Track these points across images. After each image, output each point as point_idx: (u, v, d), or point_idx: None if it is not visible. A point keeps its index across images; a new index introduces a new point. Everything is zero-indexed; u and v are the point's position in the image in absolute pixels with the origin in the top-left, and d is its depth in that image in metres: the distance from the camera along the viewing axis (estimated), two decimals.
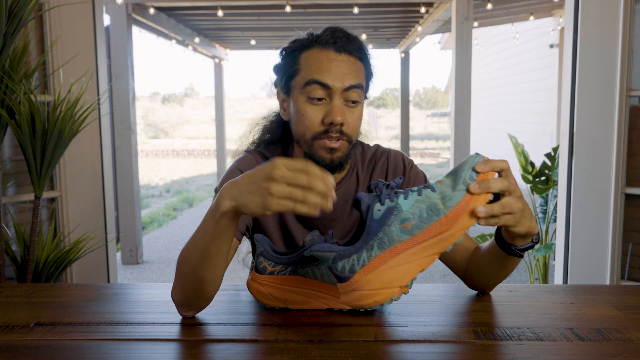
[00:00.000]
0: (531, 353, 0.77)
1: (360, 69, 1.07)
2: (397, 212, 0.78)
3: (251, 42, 7.63)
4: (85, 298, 1.04)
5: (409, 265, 0.78)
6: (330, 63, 1.03)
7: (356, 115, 1.06)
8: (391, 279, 0.78)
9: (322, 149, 1.05)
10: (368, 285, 0.78)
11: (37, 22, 2.30)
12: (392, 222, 0.78)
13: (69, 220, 2.37)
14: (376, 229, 0.78)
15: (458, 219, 0.78)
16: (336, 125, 1.03)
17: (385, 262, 0.78)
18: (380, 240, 0.78)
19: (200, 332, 0.87)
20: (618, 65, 2.19)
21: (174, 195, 8.88)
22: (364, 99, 1.10)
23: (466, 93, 4.39)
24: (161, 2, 4.80)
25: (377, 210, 0.79)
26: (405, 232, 0.78)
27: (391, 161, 1.18)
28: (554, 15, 6.89)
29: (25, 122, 1.88)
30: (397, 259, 0.78)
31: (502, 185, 0.80)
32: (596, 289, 1.07)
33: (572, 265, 2.32)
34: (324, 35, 1.06)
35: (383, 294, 0.78)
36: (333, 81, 1.02)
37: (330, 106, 1.03)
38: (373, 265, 0.78)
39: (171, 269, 4.57)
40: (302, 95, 1.05)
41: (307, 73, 1.04)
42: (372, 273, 0.78)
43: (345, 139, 1.05)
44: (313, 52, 1.05)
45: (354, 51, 1.05)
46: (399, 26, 6.64)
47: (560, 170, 2.40)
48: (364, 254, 0.78)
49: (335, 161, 1.06)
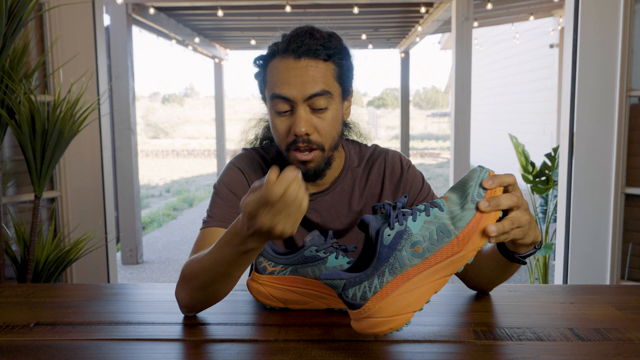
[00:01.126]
0: (531, 353, 0.77)
1: (326, 71, 1.01)
2: (407, 235, 0.76)
3: (251, 42, 7.63)
4: (85, 298, 1.04)
5: (422, 289, 0.76)
6: (288, 73, 0.99)
7: (327, 121, 1.02)
8: (405, 305, 0.76)
9: (295, 161, 1.04)
10: (382, 312, 0.76)
11: (37, 22, 2.30)
12: (403, 246, 0.76)
13: (69, 220, 2.37)
14: (387, 255, 0.76)
15: (469, 240, 0.76)
16: (302, 136, 1.01)
17: (397, 287, 0.75)
18: (391, 266, 0.76)
19: (200, 332, 0.87)
20: (618, 65, 2.18)
21: (174, 195, 8.88)
22: (342, 97, 1.06)
23: (466, 93, 4.39)
24: (161, 2, 4.80)
25: (387, 235, 0.77)
26: (416, 255, 0.76)
27: (389, 162, 1.16)
28: (554, 15, 6.89)
29: (25, 122, 1.88)
30: (410, 283, 0.76)
31: (512, 201, 0.78)
32: (596, 289, 1.07)
33: (572, 265, 2.32)
34: (286, 40, 1.02)
35: (398, 320, 0.76)
36: (293, 92, 0.99)
37: (294, 117, 1.01)
38: (386, 292, 0.75)
39: (171, 269, 4.57)
40: (271, 107, 1.04)
41: (271, 86, 1.02)
42: (385, 300, 0.75)
43: (317, 148, 1.03)
44: (276, 62, 1.02)
45: (316, 53, 1.00)
46: (399, 26, 6.64)
47: (560, 170, 2.40)
48: (376, 280, 0.76)
49: (310, 171, 1.04)
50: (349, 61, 1.07)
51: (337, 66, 1.03)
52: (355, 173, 1.16)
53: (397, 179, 1.15)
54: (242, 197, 1.08)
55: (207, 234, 1.03)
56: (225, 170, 1.13)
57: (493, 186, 0.78)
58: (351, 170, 1.15)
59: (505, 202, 0.78)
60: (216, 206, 1.07)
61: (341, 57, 1.04)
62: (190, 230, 6.11)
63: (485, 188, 0.78)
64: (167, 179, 11.00)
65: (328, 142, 1.04)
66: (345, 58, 1.05)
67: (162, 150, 16.78)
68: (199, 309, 0.93)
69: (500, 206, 0.77)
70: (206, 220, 1.06)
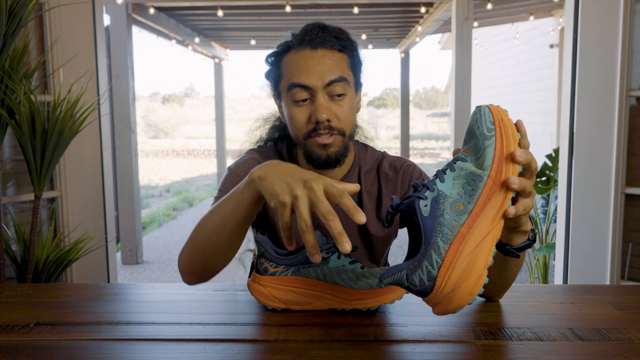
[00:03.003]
0: (531, 353, 0.77)
1: (342, 60, 1.06)
2: (443, 198, 0.74)
3: (251, 42, 7.63)
4: (85, 298, 1.04)
5: (483, 243, 0.73)
6: (306, 62, 1.03)
7: (346, 108, 1.06)
8: (474, 266, 0.72)
9: (315, 146, 1.06)
10: (454, 284, 0.71)
11: (37, 22, 2.30)
12: (444, 210, 0.73)
13: (69, 220, 2.37)
14: (432, 225, 0.73)
15: (502, 172, 0.74)
16: (323, 123, 1.03)
17: (458, 252, 0.71)
18: (442, 234, 0.72)
19: (200, 332, 0.87)
20: (618, 65, 2.18)
21: (174, 195, 8.88)
22: (355, 88, 1.10)
23: (466, 93, 4.39)
24: (161, 2, 4.80)
25: (424, 206, 0.74)
26: (460, 213, 0.73)
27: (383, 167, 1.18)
28: (554, 15, 6.89)
29: (25, 122, 1.88)
30: (469, 243, 0.72)
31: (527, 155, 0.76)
32: (596, 289, 1.07)
33: (572, 265, 2.32)
34: (300, 35, 1.06)
35: (474, 284, 0.71)
36: (312, 80, 1.03)
37: (314, 105, 1.04)
38: (449, 261, 0.71)
39: (171, 269, 4.57)
40: (288, 99, 1.06)
41: (289, 77, 1.05)
42: (453, 270, 0.71)
43: (337, 133, 1.05)
44: (291, 55, 1.06)
45: (331, 44, 1.05)
46: (399, 26, 6.64)
47: (560, 170, 2.40)
48: (434, 255, 0.72)
49: (331, 156, 1.06)
50: (359, 55, 1.11)
51: (349, 57, 1.08)
52: (362, 173, 1.17)
53: (393, 184, 1.18)
54: None
55: None
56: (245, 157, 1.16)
57: (522, 158, 0.74)
58: (358, 170, 1.17)
59: (533, 165, 0.77)
60: (229, 182, 1.10)
61: (352, 49, 1.09)
62: (190, 230, 6.07)
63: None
64: (167, 179, 11.00)
65: (348, 128, 1.07)
66: (356, 50, 1.10)
67: (162, 150, 16.78)
68: (196, 272, 0.94)
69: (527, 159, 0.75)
70: (217, 197, 1.08)
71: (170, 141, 20.63)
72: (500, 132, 0.76)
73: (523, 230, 0.85)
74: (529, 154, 0.76)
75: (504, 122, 0.76)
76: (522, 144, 0.78)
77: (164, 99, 35.68)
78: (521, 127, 0.78)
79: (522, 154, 0.74)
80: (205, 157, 15.47)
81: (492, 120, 0.76)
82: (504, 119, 0.76)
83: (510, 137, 0.75)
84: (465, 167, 0.76)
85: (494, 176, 0.74)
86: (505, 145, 0.75)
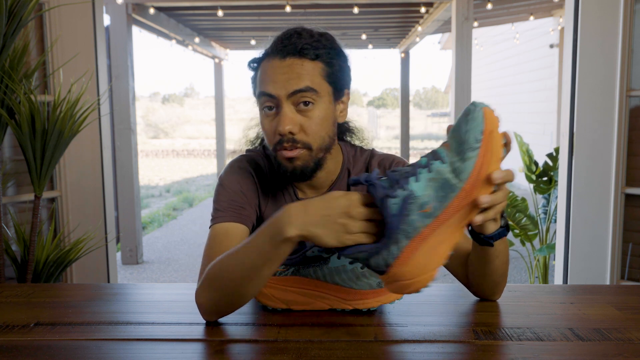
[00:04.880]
0: (531, 353, 0.77)
1: (313, 69, 1.00)
2: (413, 199, 0.75)
3: (251, 42, 7.63)
4: (85, 298, 1.04)
5: (440, 246, 0.77)
6: (274, 71, 1.00)
7: (314, 120, 1.00)
8: (425, 264, 0.76)
9: (282, 159, 1.03)
10: (406, 275, 0.77)
11: (37, 22, 2.30)
12: (411, 211, 0.75)
13: (69, 220, 2.37)
14: (397, 223, 0.76)
15: (476, 189, 0.75)
16: (285, 135, 0.99)
17: (416, 250, 0.76)
18: (404, 232, 0.75)
19: (200, 332, 0.87)
20: (618, 65, 2.18)
21: (174, 195, 8.88)
22: (333, 97, 1.04)
23: (466, 93, 4.39)
24: (161, 2, 4.80)
25: (393, 204, 0.76)
26: (426, 216, 0.75)
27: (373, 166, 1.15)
28: (554, 15, 6.89)
29: (25, 122, 1.88)
30: (427, 243, 0.76)
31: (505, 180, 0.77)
32: (596, 289, 1.07)
33: (572, 265, 2.32)
34: (275, 42, 1.04)
35: (422, 281, 0.77)
36: (276, 90, 0.99)
37: (278, 116, 1.00)
38: (406, 256, 0.76)
39: (171, 269, 4.57)
40: (259, 107, 1.05)
41: (259, 85, 1.03)
42: (407, 264, 0.76)
43: (302, 147, 1.01)
44: (264, 63, 1.03)
45: (303, 51, 1.00)
46: (399, 26, 6.64)
47: (560, 170, 2.40)
48: (393, 247, 0.76)
49: (296, 170, 1.02)
50: (342, 61, 1.05)
51: (326, 65, 1.02)
52: (351, 176, 1.14)
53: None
54: (249, 193, 1.09)
55: (220, 231, 1.02)
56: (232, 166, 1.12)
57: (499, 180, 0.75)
58: (347, 175, 1.14)
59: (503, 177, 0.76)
60: (224, 198, 1.06)
61: (331, 56, 1.03)
62: (190, 230, 6.10)
63: (493, 183, 0.75)
64: (167, 179, 11.00)
65: (316, 141, 1.02)
66: (336, 57, 1.04)
67: (162, 150, 16.78)
68: (223, 313, 0.91)
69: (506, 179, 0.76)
70: (215, 216, 1.05)
71: (170, 141, 20.62)
72: (485, 148, 0.75)
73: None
74: (507, 174, 0.76)
75: (492, 136, 0.75)
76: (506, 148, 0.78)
77: (164, 99, 35.67)
78: (509, 143, 0.78)
79: (499, 176, 0.75)
80: (205, 157, 15.47)
81: (482, 130, 0.75)
82: (493, 131, 0.75)
83: (493, 156, 0.75)
84: (442, 171, 0.76)
85: (468, 189, 0.75)
86: (486, 164, 0.75)
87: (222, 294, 0.87)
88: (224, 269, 0.87)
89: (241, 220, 1.04)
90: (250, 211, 1.07)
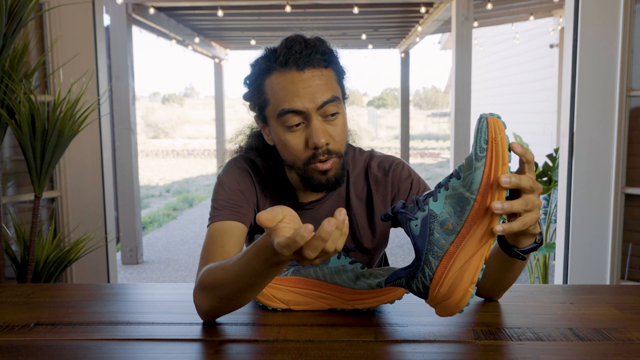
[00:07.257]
0: (531, 353, 0.77)
1: (330, 77, 1.00)
2: (433, 218, 0.78)
3: (251, 42, 7.63)
4: (85, 298, 1.04)
5: (470, 261, 0.77)
6: (295, 86, 0.97)
7: (339, 128, 1.01)
8: (460, 282, 0.78)
9: (316, 172, 1.02)
10: (444, 296, 0.79)
11: (37, 22, 2.29)
12: (433, 230, 0.78)
13: (69, 220, 2.37)
14: (423, 244, 0.79)
15: (488, 197, 0.76)
16: (322, 147, 0.99)
17: (447, 269, 0.78)
18: (432, 252, 0.78)
19: (200, 332, 0.87)
20: (618, 65, 2.18)
21: (174, 195, 8.88)
22: (343, 103, 1.05)
23: (466, 93, 4.39)
24: (161, 2, 4.80)
25: (415, 226, 0.80)
26: (449, 232, 0.77)
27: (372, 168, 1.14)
28: (554, 15, 6.89)
29: (25, 122, 1.88)
30: (457, 261, 0.77)
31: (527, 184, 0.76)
32: (596, 289, 1.07)
33: (572, 265, 2.32)
34: (281, 55, 0.98)
35: (462, 298, 0.78)
36: (305, 104, 0.97)
37: (310, 129, 0.98)
38: (439, 276, 0.78)
39: (171, 269, 4.57)
40: (279, 125, 1.00)
41: (277, 103, 0.99)
42: (442, 284, 0.78)
43: (335, 156, 1.01)
44: (275, 78, 0.99)
45: (316, 61, 0.98)
46: (399, 26, 6.64)
47: (560, 170, 2.40)
48: (426, 269, 0.79)
49: (331, 180, 1.03)
50: (341, 67, 1.06)
51: (335, 71, 1.03)
52: (350, 180, 1.14)
53: (383, 187, 1.14)
54: (247, 192, 1.08)
55: (217, 229, 1.02)
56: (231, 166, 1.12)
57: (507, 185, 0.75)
58: (347, 177, 1.14)
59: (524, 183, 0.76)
60: (223, 197, 1.06)
61: (336, 61, 1.04)
62: (190, 230, 6.10)
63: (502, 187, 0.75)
64: (167, 179, 11.00)
65: (343, 147, 1.03)
66: (338, 60, 1.05)
67: (162, 150, 16.78)
68: (221, 315, 0.91)
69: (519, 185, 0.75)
70: (213, 215, 1.04)
71: (170, 141, 20.62)
72: (491, 155, 0.75)
73: (531, 233, 0.84)
74: (516, 177, 0.75)
75: (497, 142, 0.75)
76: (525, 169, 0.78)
77: (164, 99, 35.66)
78: (515, 149, 0.77)
79: (507, 180, 0.74)
80: (205, 157, 15.47)
81: (486, 139, 0.75)
82: (497, 137, 0.75)
83: (499, 161, 0.75)
84: (457, 187, 0.78)
85: (481, 200, 0.76)
86: (493, 170, 0.75)
87: (219, 301, 0.87)
88: (221, 280, 0.85)
89: (239, 218, 1.04)
90: (248, 210, 1.07)
